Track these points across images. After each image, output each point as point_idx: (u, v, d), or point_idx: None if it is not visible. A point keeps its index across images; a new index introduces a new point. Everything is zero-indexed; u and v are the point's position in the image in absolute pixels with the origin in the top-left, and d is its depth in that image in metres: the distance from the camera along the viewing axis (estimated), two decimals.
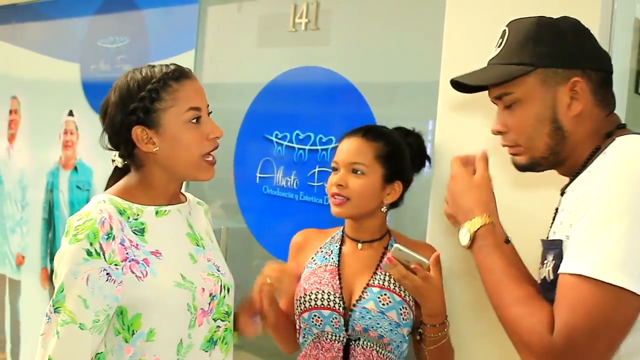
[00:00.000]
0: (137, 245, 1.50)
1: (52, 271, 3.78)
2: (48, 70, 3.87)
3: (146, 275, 1.48)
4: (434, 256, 1.76)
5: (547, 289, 1.31)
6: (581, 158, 1.40)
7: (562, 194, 1.42)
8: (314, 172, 2.49)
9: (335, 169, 1.91)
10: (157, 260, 1.52)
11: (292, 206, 2.56)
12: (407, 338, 1.85)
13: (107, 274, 1.43)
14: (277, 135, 2.63)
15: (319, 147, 2.48)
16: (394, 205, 1.97)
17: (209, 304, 1.58)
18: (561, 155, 1.41)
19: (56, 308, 1.42)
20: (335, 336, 1.84)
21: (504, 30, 1.45)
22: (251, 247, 2.78)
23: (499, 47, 1.45)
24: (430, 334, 1.79)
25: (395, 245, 1.77)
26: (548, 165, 1.44)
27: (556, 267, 1.27)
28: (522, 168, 1.46)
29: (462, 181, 1.53)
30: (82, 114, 3.62)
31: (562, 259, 1.26)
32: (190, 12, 3.03)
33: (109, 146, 1.61)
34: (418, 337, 1.84)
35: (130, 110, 1.52)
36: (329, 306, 1.84)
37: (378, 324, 1.80)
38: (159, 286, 1.50)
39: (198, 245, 1.64)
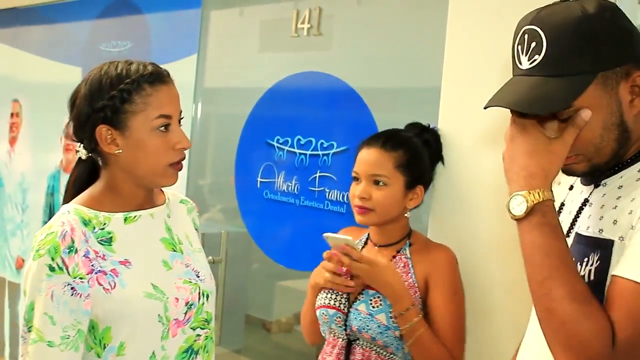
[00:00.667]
0: (103, 255, 1.45)
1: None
2: (50, 73, 3.88)
3: (114, 286, 1.43)
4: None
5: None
6: (628, 153, 1.29)
7: (597, 186, 1.31)
8: (315, 177, 2.49)
9: (356, 179, 1.92)
10: (126, 270, 1.46)
11: (293, 211, 2.56)
12: (400, 341, 1.83)
13: (72, 288, 1.39)
14: (278, 140, 2.63)
15: (320, 153, 2.48)
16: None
17: (185, 313, 1.52)
18: (623, 156, 1.29)
19: (29, 327, 1.39)
20: (339, 334, 1.89)
21: (534, 31, 1.22)
22: (251, 251, 2.79)
23: (536, 53, 1.21)
24: (403, 325, 1.77)
25: (324, 234, 1.82)
26: (607, 168, 1.30)
27: (601, 269, 1.20)
28: (580, 174, 1.33)
29: (536, 138, 1.24)
30: None
31: (609, 260, 1.19)
32: (193, 17, 3.04)
33: (73, 137, 1.55)
34: (400, 333, 1.81)
35: (99, 107, 1.46)
36: (334, 305, 1.89)
37: (368, 326, 1.82)
38: (128, 298, 1.44)
39: (175, 251, 1.58)
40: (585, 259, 1.23)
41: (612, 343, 1.11)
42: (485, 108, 1.30)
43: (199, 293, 1.56)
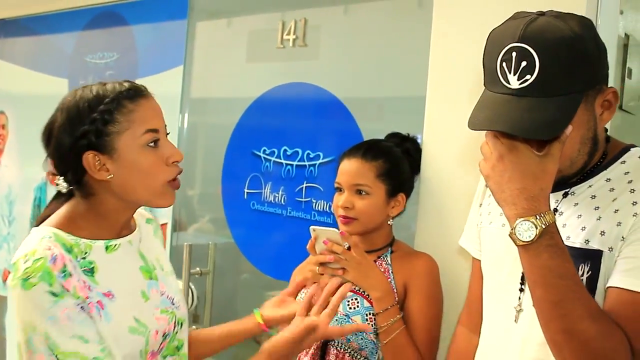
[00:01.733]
0: (89, 287, 1.34)
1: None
2: (36, 85, 3.87)
3: (100, 319, 1.33)
4: (350, 238, 1.85)
5: None
6: (588, 162, 1.34)
7: (565, 195, 1.35)
8: (302, 187, 2.50)
9: (339, 189, 1.95)
10: (109, 302, 1.36)
11: (280, 222, 2.56)
12: (376, 344, 1.84)
13: (82, 307, 1.30)
14: (265, 151, 2.63)
15: (306, 163, 2.48)
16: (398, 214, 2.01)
17: (160, 344, 1.46)
18: (587, 166, 1.34)
19: (56, 355, 1.27)
20: None
21: (525, 50, 1.20)
22: (238, 262, 2.78)
23: (529, 73, 1.20)
24: (381, 323, 1.80)
25: (311, 227, 1.85)
26: (572, 176, 1.35)
27: (592, 278, 1.25)
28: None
29: (529, 158, 1.22)
30: None
31: (598, 270, 1.23)
32: (179, 28, 3.04)
33: (54, 172, 1.44)
34: (374, 336, 1.82)
35: (81, 134, 1.36)
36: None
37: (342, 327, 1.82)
38: (113, 333, 1.35)
39: (151, 279, 1.50)
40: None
41: (631, 355, 1.16)
42: (474, 129, 1.26)
43: (175, 322, 1.50)
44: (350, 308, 1.85)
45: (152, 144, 1.41)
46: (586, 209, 1.31)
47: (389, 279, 1.89)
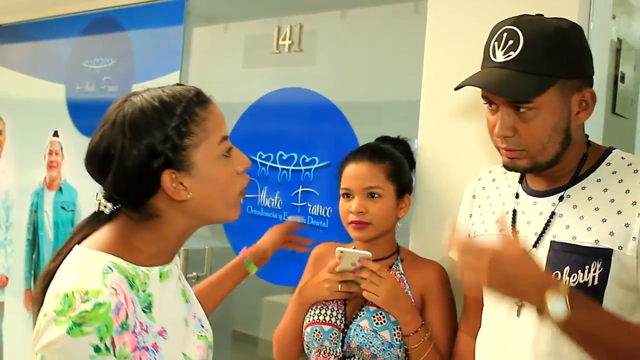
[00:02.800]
0: (146, 328, 1.20)
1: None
2: (33, 91, 3.88)
3: None
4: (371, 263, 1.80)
5: (585, 294, 1.33)
6: (570, 163, 1.47)
7: (560, 199, 1.46)
8: (298, 192, 2.50)
9: (347, 195, 1.91)
10: (163, 341, 1.22)
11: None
12: (401, 359, 1.83)
13: None
14: (260, 155, 2.64)
15: (302, 168, 2.49)
16: None
17: None
18: (559, 159, 1.44)
19: None
20: (332, 351, 1.85)
21: (514, 31, 1.37)
22: None
23: (512, 50, 1.37)
24: (413, 345, 1.78)
25: (338, 249, 1.80)
26: (546, 169, 1.45)
27: (603, 275, 1.36)
28: (520, 170, 1.48)
29: (515, 255, 1.30)
30: (67, 135, 3.62)
31: (609, 266, 1.35)
32: (175, 33, 3.05)
33: (113, 195, 1.25)
34: (405, 356, 1.82)
35: (155, 152, 1.19)
36: (330, 322, 1.86)
37: (371, 342, 1.80)
38: None
39: (187, 302, 1.39)
40: (587, 267, 1.38)
41: None
42: (457, 88, 1.46)
43: (207, 346, 1.38)
44: (377, 324, 1.82)
45: (226, 154, 1.28)
46: (587, 210, 1.42)
47: (406, 289, 1.87)
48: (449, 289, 1.90)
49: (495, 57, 1.40)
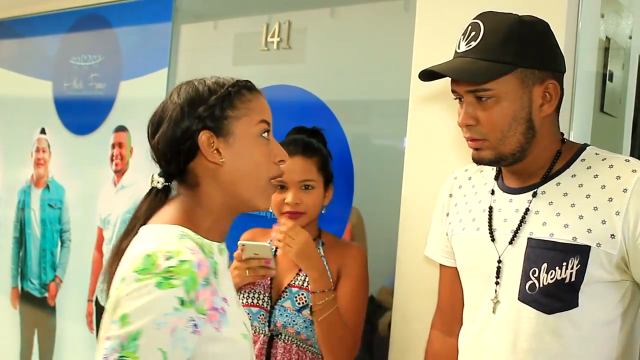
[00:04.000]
0: (216, 291, 1.28)
1: (35, 290, 3.74)
2: (20, 87, 3.85)
3: (221, 326, 1.27)
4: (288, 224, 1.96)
5: (563, 290, 1.41)
6: (542, 159, 1.50)
7: (535, 195, 1.49)
8: None
9: (282, 187, 2.02)
10: (227, 308, 1.31)
11: (265, 224, 2.56)
12: None
13: (195, 324, 1.21)
14: None
15: None
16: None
17: (253, 351, 1.44)
18: (526, 153, 1.47)
19: (122, 357, 1.16)
20: (261, 330, 2.00)
21: (477, 24, 1.45)
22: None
23: (473, 40, 1.44)
24: (317, 301, 1.91)
25: (239, 243, 1.94)
26: (512, 161, 1.48)
27: (580, 271, 1.39)
28: (486, 162, 1.50)
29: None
30: (54, 132, 3.60)
31: (586, 263, 1.38)
32: (163, 30, 3.04)
33: (156, 158, 1.40)
34: (310, 313, 1.96)
35: (198, 115, 1.33)
36: (257, 304, 2.01)
37: (294, 321, 1.97)
38: (233, 338, 1.31)
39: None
40: (565, 263, 1.40)
41: None
42: (420, 74, 1.51)
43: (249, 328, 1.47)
44: (298, 303, 1.98)
45: (265, 135, 1.38)
46: (563, 206, 1.44)
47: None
48: (364, 268, 2.04)
49: (459, 48, 1.48)
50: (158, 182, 1.39)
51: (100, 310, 3.22)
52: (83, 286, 3.31)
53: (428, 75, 1.50)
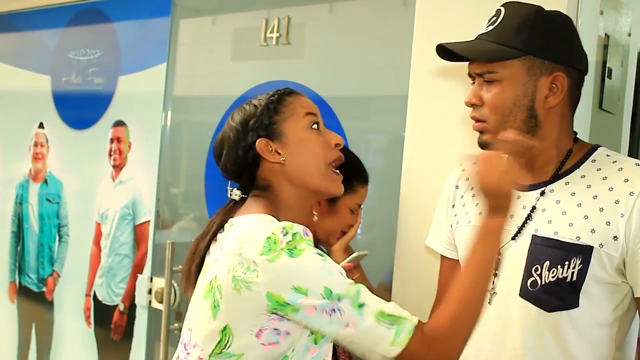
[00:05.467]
0: None
1: (36, 284, 3.74)
2: (18, 82, 3.84)
3: None
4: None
5: (564, 289, 1.42)
6: (549, 154, 1.50)
7: (542, 193, 1.49)
8: None
9: (353, 211, 1.98)
10: None
11: None
12: None
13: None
14: None
15: None
16: None
17: None
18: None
19: (360, 304, 1.34)
20: None
21: (499, 10, 1.48)
22: None
23: (492, 24, 1.48)
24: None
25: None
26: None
27: (582, 271, 1.40)
28: (488, 147, 1.50)
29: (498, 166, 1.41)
30: (52, 127, 3.59)
31: (588, 263, 1.39)
32: (162, 25, 3.03)
33: (229, 177, 1.57)
34: None
35: (251, 129, 1.49)
36: None
37: None
38: None
39: None
40: (567, 262, 1.41)
41: None
42: (437, 48, 1.54)
43: None
44: None
45: (314, 126, 1.52)
46: (570, 206, 1.44)
47: None
48: None
49: (480, 31, 1.52)
50: (237, 195, 1.55)
51: (98, 305, 3.23)
52: (81, 281, 3.31)
53: (443, 52, 1.54)
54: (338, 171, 1.54)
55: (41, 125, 3.66)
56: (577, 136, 1.57)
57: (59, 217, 3.52)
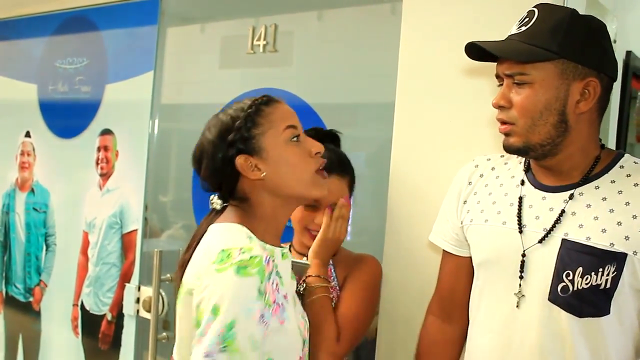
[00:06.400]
0: (278, 288, 1.45)
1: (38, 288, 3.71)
2: (4, 90, 3.82)
3: (284, 320, 1.44)
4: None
5: (597, 296, 1.40)
6: (576, 160, 1.48)
7: (571, 196, 1.47)
8: None
9: (313, 207, 1.93)
10: (287, 304, 1.48)
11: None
12: None
13: (262, 315, 1.36)
14: None
15: None
16: None
17: (302, 350, 1.55)
18: (558, 148, 1.46)
19: (224, 347, 1.31)
20: None
21: (532, 11, 1.45)
22: None
23: (524, 25, 1.45)
24: (310, 283, 1.83)
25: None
26: (541, 154, 1.47)
27: (616, 278, 1.38)
28: (514, 150, 1.49)
29: None
30: (39, 135, 3.57)
31: (622, 270, 1.37)
32: (149, 33, 3.02)
33: (210, 189, 1.58)
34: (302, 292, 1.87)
35: (229, 143, 1.49)
36: None
37: None
38: (292, 332, 1.47)
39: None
40: (601, 269, 1.39)
41: None
42: (466, 48, 1.48)
43: (307, 329, 1.61)
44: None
45: (294, 139, 1.52)
46: (601, 211, 1.43)
47: (332, 277, 1.94)
48: (372, 276, 1.96)
49: (511, 32, 1.48)
50: (217, 204, 1.56)
51: (85, 314, 3.21)
52: (68, 290, 3.29)
53: (472, 52, 1.49)
54: (325, 172, 1.56)
55: (28, 134, 3.64)
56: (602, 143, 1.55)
57: (46, 227, 3.50)
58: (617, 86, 2.32)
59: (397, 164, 2.09)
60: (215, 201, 1.56)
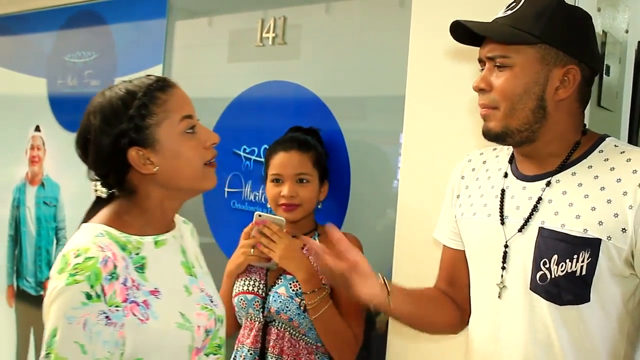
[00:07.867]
0: (137, 285, 1.36)
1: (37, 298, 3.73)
2: (14, 85, 3.83)
3: (147, 318, 1.35)
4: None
5: (574, 283, 1.39)
6: (555, 146, 1.47)
7: (548, 184, 1.46)
8: None
9: (277, 180, 2.12)
10: (156, 300, 1.38)
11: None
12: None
13: (107, 317, 1.29)
14: (245, 149, 2.62)
15: None
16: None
17: (203, 340, 1.47)
18: (535, 135, 1.45)
19: (47, 354, 1.29)
20: (256, 317, 2.07)
21: None
22: (221, 262, 2.76)
23: (510, 9, 1.46)
24: (310, 301, 1.98)
25: (256, 213, 2.08)
26: (519, 140, 1.47)
27: (591, 264, 1.37)
28: (492, 135, 1.48)
29: None
30: (49, 129, 3.58)
31: (597, 256, 1.36)
32: (158, 27, 3.02)
33: (94, 177, 1.47)
34: (304, 309, 2.01)
35: (120, 132, 1.37)
36: (252, 291, 2.09)
37: (287, 307, 2.02)
38: (161, 329, 1.37)
39: (191, 275, 1.53)
40: (575, 256, 1.38)
41: None
42: (451, 27, 1.50)
43: (215, 319, 1.52)
44: (292, 290, 2.03)
45: (190, 130, 1.43)
46: (576, 197, 1.42)
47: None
48: None
49: (497, 15, 1.48)
50: (103, 193, 1.46)
51: None
52: None
53: (455, 31, 1.51)
54: (213, 161, 1.48)
55: (37, 128, 3.65)
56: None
57: (57, 220, 3.51)
58: (628, 77, 2.29)
59: (407, 157, 2.08)
60: (100, 189, 1.46)
